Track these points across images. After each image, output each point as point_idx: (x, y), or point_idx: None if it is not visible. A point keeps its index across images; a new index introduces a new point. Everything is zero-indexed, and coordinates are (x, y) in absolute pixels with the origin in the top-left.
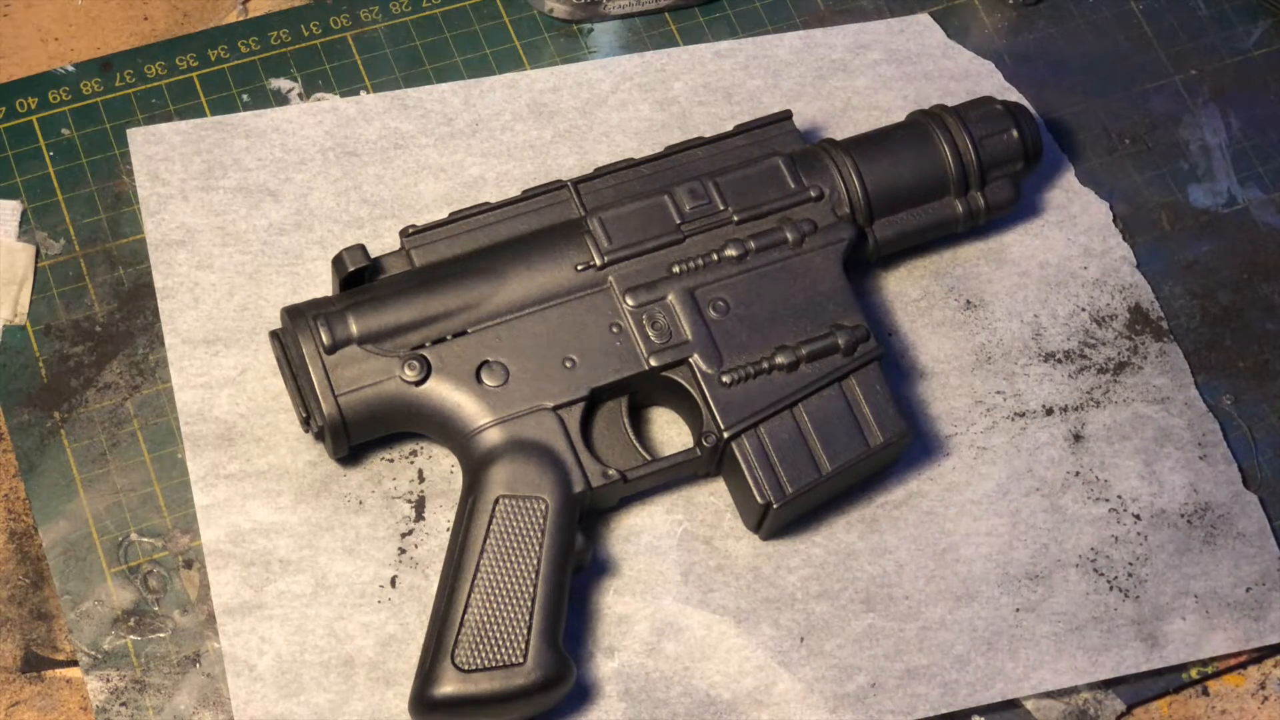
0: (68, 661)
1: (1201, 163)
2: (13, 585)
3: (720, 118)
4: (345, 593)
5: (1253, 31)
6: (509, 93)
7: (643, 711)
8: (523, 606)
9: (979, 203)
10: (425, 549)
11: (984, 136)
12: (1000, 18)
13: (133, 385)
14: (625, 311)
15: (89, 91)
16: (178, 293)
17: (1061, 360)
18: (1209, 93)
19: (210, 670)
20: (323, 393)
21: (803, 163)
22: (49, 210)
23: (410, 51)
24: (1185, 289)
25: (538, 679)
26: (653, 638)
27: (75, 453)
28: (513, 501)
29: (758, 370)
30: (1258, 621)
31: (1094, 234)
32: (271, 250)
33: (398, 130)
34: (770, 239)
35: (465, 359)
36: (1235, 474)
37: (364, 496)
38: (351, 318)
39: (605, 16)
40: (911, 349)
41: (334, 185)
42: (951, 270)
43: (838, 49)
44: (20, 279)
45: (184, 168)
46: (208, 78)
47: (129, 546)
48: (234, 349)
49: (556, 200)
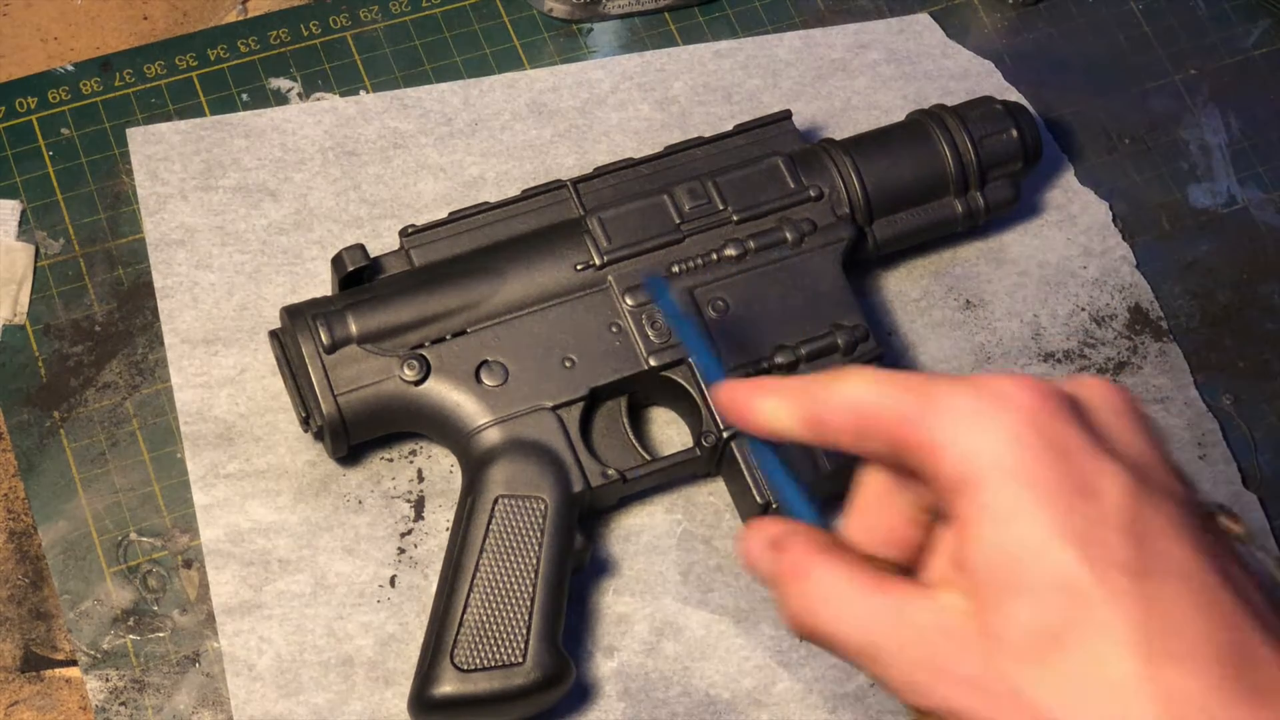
0: (67, 661)
1: (1201, 162)
2: (12, 585)
3: (720, 117)
4: (344, 592)
5: (1253, 31)
6: (508, 92)
7: (642, 711)
8: (522, 606)
9: (978, 202)
10: (424, 549)
11: (984, 136)
12: (1000, 17)
13: (132, 385)
14: (625, 311)
15: (88, 91)
16: (177, 292)
17: (1061, 360)
18: (1209, 92)
19: (209, 670)
20: (322, 392)
21: (802, 162)
22: (48, 210)
23: (410, 51)
24: (1185, 289)
25: (537, 679)
26: (652, 637)
27: (74, 452)
28: (512, 501)
29: (757, 370)
30: None
31: (1093, 234)
32: (271, 250)
33: (397, 130)
34: (770, 239)
35: (464, 359)
36: (1235, 474)
37: (363, 496)
38: (351, 317)
39: (605, 16)
40: (911, 349)
41: (333, 185)
42: (951, 270)
43: (837, 49)
44: (19, 278)
45: (183, 167)
46: (207, 77)
47: (128, 546)
48: (233, 348)
49: (556, 200)
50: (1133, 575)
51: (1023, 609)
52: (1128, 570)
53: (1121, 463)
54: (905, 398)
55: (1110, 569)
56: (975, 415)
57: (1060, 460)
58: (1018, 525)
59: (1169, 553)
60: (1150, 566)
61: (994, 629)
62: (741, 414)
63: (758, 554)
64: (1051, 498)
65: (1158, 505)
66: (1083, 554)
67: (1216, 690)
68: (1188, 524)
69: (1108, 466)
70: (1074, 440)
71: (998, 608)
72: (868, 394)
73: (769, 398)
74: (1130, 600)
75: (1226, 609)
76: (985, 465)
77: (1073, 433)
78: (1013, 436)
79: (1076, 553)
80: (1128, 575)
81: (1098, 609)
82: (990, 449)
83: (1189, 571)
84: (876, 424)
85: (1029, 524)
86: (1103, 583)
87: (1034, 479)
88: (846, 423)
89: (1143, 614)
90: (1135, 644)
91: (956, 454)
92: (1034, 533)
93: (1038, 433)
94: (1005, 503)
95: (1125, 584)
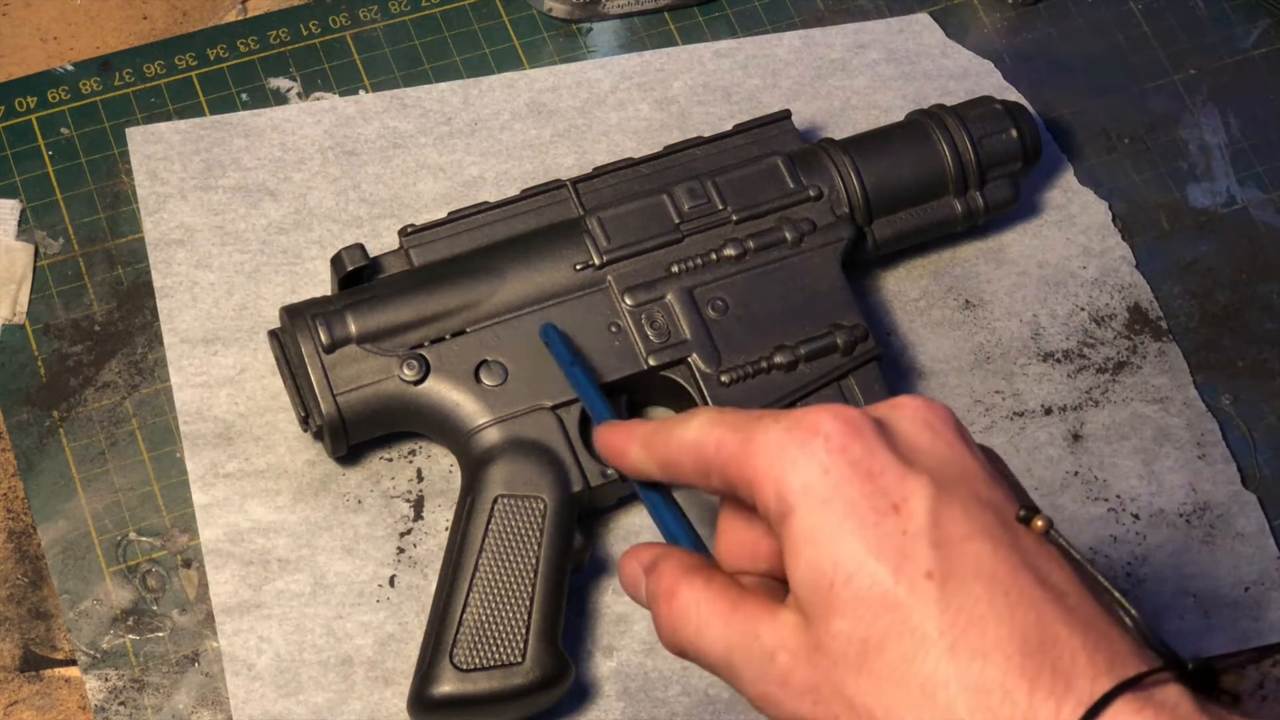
0: (66, 661)
1: (1200, 162)
2: (11, 584)
3: (719, 117)
4: (344, 592)
5: (1252, 31)
6: (508, 92)
7: (641, 710)
8: (521, 606)
9: (978, 202)
10: (424, 548)
11: (983, 136)
12: (999, 17)
13: (131, 384)
14: (624, 311)
15: (88, 91)
16: (176, 292)
17: (1060, 360)
18: (1208, 92)
19: (209, 669)
20: (321, 392)
21: (802, 162)
22: (48, 209)
23: (409, 51)
24: (1184, 289)
25: (536, 678)
26: (651, 637)
27: (74, 452)
28: (511, 501)
29: (756, 370)
30: (1256, 621)
31: (1093, 233)
32: (270, 249)
33: (396, 129)
34: (769, 238)
35: (464, 358)
36: (1234, 473)
37: (363, 496)
38: (350, 317)
39: (604, 16)
40: (910, 349)
41: (333, 184)
42: (950, 270)
43: (837, 48)
44: (19, 278)
45: (183, 167)
46: (207, 77)
47: (128, 546)
48: (233, 348)
49: (555, 200)
50: (939, 580)
51: (843, 622)
52: (934, 576)
53: (928, 476)
54: (731, 437)
55: (918, 577)
56: (786, 449)
57: (867, 481)
58: (831, 547)
59: (972, 554)
60: (954, 570)
61: (822, 642)
62: (615, 459)
63: (633, 578)
64: (861, 518)
65: (963, 510)
66: (892, 566)
67: (1019, 673)
68: (991, 525)
69: (912, 482)
70: (880, 461)
71: (823, 623)
72: (702, 435)
73: (632, 445)
74: (936, 604)
75: (1028, 599)
76: (798, 494)
77: (879, 454)
78: (821, 466)
79: (887, 566)
80: (934, 581)
81: (909, 615)
82: (800, 479)
83: (990, 570)
84: (711, 463)
85: (842, 545)
86: (912, 591)
87: (844, 502)
88: (689, 463)
89: (949, 615)
90: (943, 643)
91: (772, 486)
92: (847, 552)
93: (845, 458)
94: (819, 527)
95: (932, 590)
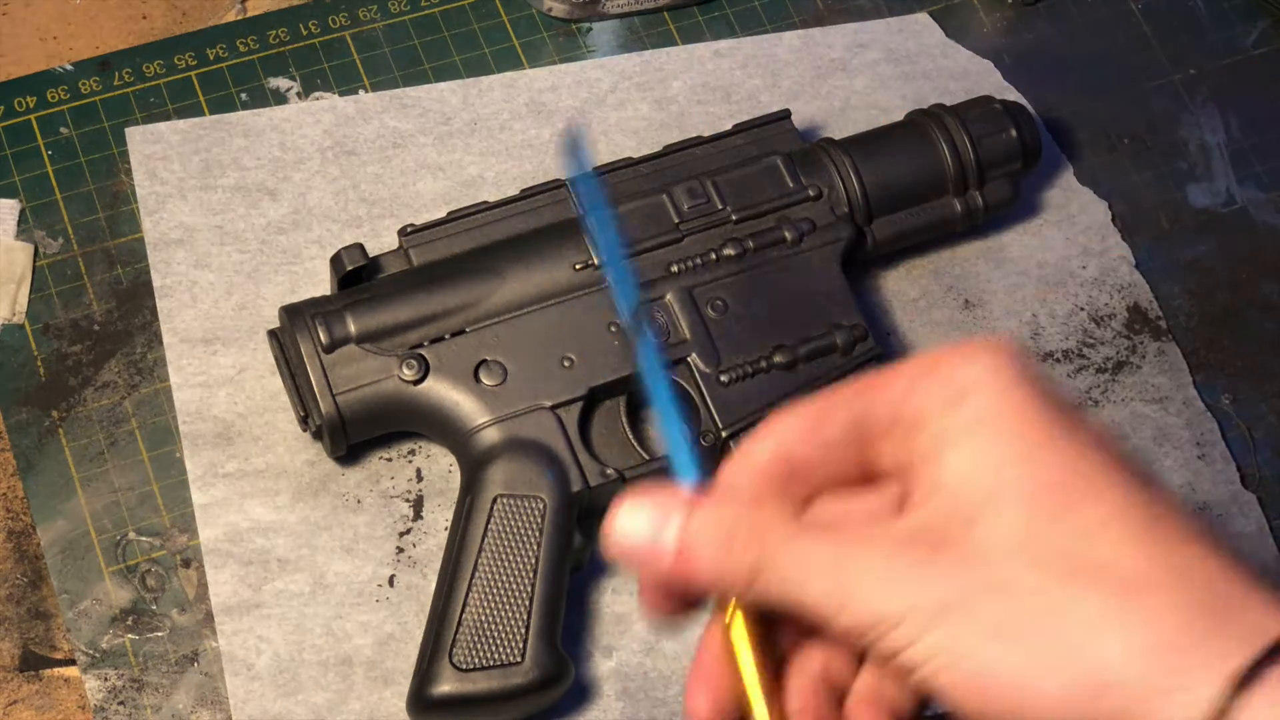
0: (66, 660)
1: (1200, 162)
2: (10, 584)
3: (719, 117)
4: (343, 592)
5: (1252, 31)
6: (507, 92)
7: (641, 710)
8: (521, 606)
9: (977, 202)
10: (423, 548)
11: (982, 136)
12: (999, 17)
13: (131, 384)
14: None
15: (87, 90)
16: (176, 292)
17: (1060, 360)
18: (1208, 92)
19: (208, 669)
20: (321, 392)
21: (801, 162)
22: (47, 209)
23: (409, 50)
24: (1184, 288)
25: (536, 678)
26: (651, 637)
27: (73, 451)
28: (511, 500)
29: (756, 369)
30: None
31: (1092, 233)
32: (270, 249)
33: (396, 129)
34: (769, 238)
35: (463, 358)
36: (1234, 473)
37: (362, 495)
38: (349, 317)
39: (604, 16)
40: (910, 348)
41: (332, 184)
42: (950, 270)
43: (836, 48)
44: (18, 278)
45: (182, 167)
46: (206, 77)
47: (127, 545)
48: (232, 348)
49: (555, 199)
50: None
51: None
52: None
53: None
54: (856, 383)
55: (1111, 462)
56: (957, 355)
57: (1042, 381)
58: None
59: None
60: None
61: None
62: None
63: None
64: (1047, 408)
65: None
66: (1080, 452)
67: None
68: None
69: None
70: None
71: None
72: (817, 399)
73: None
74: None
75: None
76: (978, 385)
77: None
78: (996, 365)
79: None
80: (1118, 467)
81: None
82: (979, 377)
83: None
84: (853, 404)
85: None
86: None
87: (1027, 394)
88: (837, 423)
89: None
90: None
91: (949, 376)
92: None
93: (1020, 365)
94: (1005, 414)
95: (1122, 475)
